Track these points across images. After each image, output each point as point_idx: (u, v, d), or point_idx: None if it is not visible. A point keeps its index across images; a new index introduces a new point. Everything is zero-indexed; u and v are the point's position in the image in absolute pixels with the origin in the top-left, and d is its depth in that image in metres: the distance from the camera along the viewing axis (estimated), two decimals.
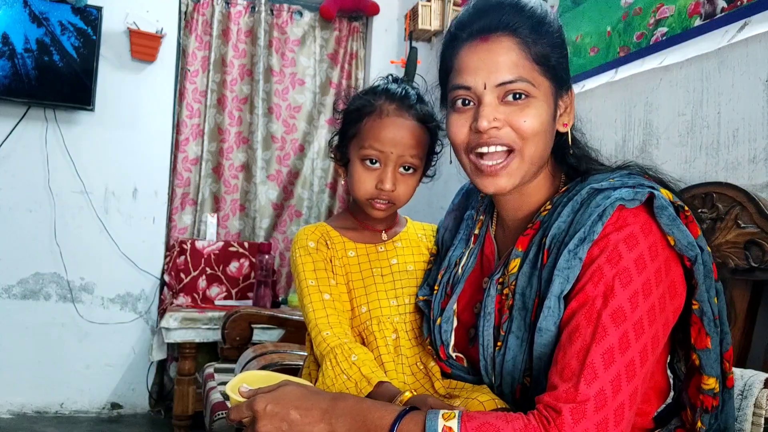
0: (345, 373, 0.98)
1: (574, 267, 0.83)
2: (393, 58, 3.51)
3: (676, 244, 0.84)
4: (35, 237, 3.18)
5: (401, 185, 1.07)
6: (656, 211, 0.84)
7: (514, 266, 0.93)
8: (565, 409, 0.76)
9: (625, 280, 0.80)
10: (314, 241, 1.11)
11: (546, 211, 0.94)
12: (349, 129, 1.11)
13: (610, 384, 0.77)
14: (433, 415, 0.80)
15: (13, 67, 3.02)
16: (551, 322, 0.84)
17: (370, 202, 1.09)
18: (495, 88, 0.90)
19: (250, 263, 3.27)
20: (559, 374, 0.79)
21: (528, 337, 0.88)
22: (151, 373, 3.33)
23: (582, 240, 0.83)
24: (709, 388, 0.87)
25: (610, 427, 0.76)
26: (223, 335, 2.36)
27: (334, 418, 0.85)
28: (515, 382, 0.90)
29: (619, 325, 0.79)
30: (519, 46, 0.90)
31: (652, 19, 1.72)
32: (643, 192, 0.84)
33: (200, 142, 3.46)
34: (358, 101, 1.11)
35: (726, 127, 1.47)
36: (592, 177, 0.92)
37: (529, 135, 0.90)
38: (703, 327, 0.86)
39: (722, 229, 1.36)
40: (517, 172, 0.92)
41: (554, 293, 0.84)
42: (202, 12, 3.44)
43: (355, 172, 1.08)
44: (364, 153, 1.06)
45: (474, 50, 0.92)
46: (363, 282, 1.11)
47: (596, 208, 0.84)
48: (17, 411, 3.17)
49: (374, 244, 1.14)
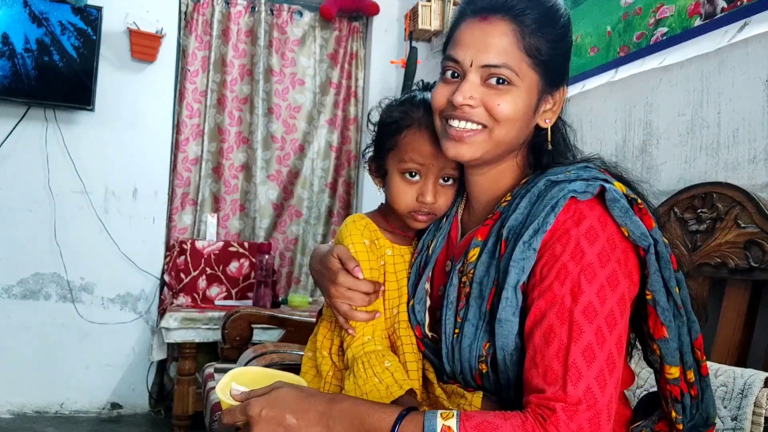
0: (378, 376, 0.97)
1: (529, 258, 0.85)
2: (393, 58, 3.51)
3: (630, 235, 0.85)
4: (35, 237, 3.18)
5: (441, 197, 1.05)
6: (608, 204, 0.85)
7: (473, 255, 0.94)
8: (558, 407, 0.77)
9: (590, 275, 0.82)
10: (368, 239, 1.09)
11: (506, 202, 0.96)
12: (386, 141, 1.08)
13: (596, 381, 0.78)
14: (432, 415, 0.80)
15: (13, 67, 3.02)
16: (510, 312, 0.86)
17: (411, 214, 1.07)
18: (480, 68, 0.92)
19: (250, 263, 3.27)
20: (543, 377, 0.80)
21: (483, 324, 0.90)
22: (151, 373, 3.33)
23: (536, 231, 0.85)
24: (673, 378, 0.88)
25: (603, 422, 0.77)
26: (223, 335, 2.36)
27: (331, 421, 0.84)
28: (472, 369, 0.92)
29: (592, 320, 0.80)
30: (514, 33, 0.91)
31: (652, 19, 1.72)
32: (595, 185, 0.86)
33: (200, 142, 3.46)
34: (396, 113, 1.08)
35: (726, 127, 1.47)
36: (551, 170, 0.94)
37: (501, 118, 0.92)
38: (658, 316, 0.87)
39: (722, 229, 1.36)
40: (480, 146, 0.94)
41: (510, 284, 0.86)
42: (202, 12, 3.44)
43: (395, 186, 1.06)
44: (404, 167, 1.04)
45: (471, 27, 0.93)
46: (397, 283, 1.10)
47: (550, 200, 0.86)
48: (17, 411, 3.17)
49: (408, 246, 1.14)
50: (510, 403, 0.89)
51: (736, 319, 1.31)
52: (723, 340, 1.32)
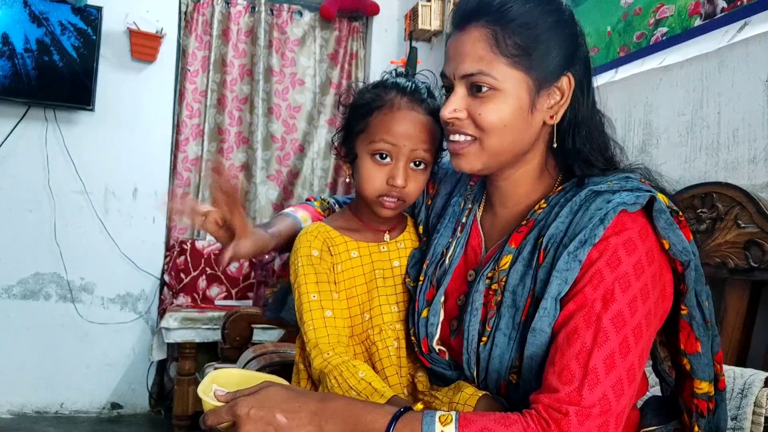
0: (354, 389, 0.94)
1: (573, 269, 0.82)
2: (393, 58, 3.51)
3: (671, 248, 0.84)
4: (35, 237, 3.18)
5: (412, 182, 1.03)
6: (655, 215, 0.84)
7: (505, 262, 0.92)
8: (572, 411, 0.76)
9: (624, 284, 0.80)
10: (317, 249, 1.06)
11: (541, 209, 0.93)
12: (356, 124, 1.06)
13: (612, 389, 0.77)
14: (430, 418, 0.79)
15: (13, 67, 3.02)
16: (546, 323, 0.83)
17: (380, 199, 1.04)
18: (461, 80, 0.91)
19: (250, 263, 3.26)
20: (558, 376, 0.79)
21: (516, 335, 0.87)
22: (151, 373, 3.33)
23: (583, 243, 0.83)
24: (703, 392, 0.87)
25: (611, 430, 0.76)
26: (223, 335, 2.36)
27: (324, 421, 0.82)
28: (501, 378, 0.89)
29: (620, 330, 0.79)
30: (488, 36, 0.88)
31: (652, 19, 1.72)
32: (644, 196, 0.84)
33: (200, 142, 3.46)
34: (367, 95, 1.06)
35: (726, 127, 1.47)
36: (592, 179, 0.91)
37: (486, 127, 0.90)
38: (693, 331, 0.86)
39: (722, 229, 1.36)
40: (476, 159, 0.93)
41: (551, 294, 0.83)
42: (202, 12, 3.44)
43: (364, 168, 1.04)
44: (374, 147, 1.02)
45: (453, 40, 0.93)
46: (366, 287, 1.07)
47: (597, 211, 0.84)
48: (17, 411, 3.17)
49: (377, 243, 1.10)
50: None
51: (735, 319, 1.31)
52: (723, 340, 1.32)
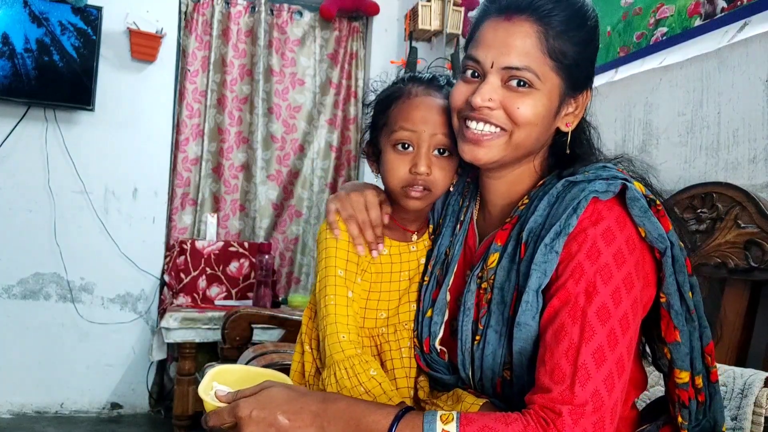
0: (363, 386, 0.94)
1: (551, 261, 0.83)
2: (393, 58, 3.51)
3: (647, 236, 0.84)
4: (35, 237, 3.18)
5: (437, 169, 1.00)
6: (628, 203, 0.84)
7: (493, 260, 0.92)
8: (565, 411, 0.76)
9: (606, 276, 0.80)
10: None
11: (523, 205, 0.94)
12: (379, 119, 1.06)
13: (604, 383, 0.77)
14: (431, 418, 0.79)
15: (13, 67, 3.02)
16: (530, 316, 0.84)
17: (405, 190, 1.01)
18: (501, 70, 0.89)
19: (250, 263, 3.27)
20: (549, 375, 0.79)
21: (506, 331, 0.88)
22: (151, 373, 3.33)
23: (558, 233, 0.83)
24: (683, 382, 0.87)
25: (606, 425, 0.77)
26: (223, 335, 2.36)
27: (326, 422, 0.82)
28: (495, 376, 0.90)
29: (605, 322, 0.79)
30: (538, 35, 0.88)
31: (652, 19, 1.72)
32: (616, 184, 0.84)
33: (200, 142, 3.46)
34: (386, 90, 1.07)
35: (726, 127, 1.47)
36: (567, 170, 0.92)
37: (521, 121, 0.90)
38: (671, 320, 0.86)
39: (722, 229, 1.36)
40: (498, 149, 0.92)
41: (532, 287, 0.84)
42: (202, 12, 3.44)
43: (388, 160, 1.02)
44: (395, 137, 1.00)
45: (494, 26, 0.91)
46: (390, 285, 1.07)
47: (571, 201, 0.84)
48: (17, 411, 3.17)
49: (407, 243, 1.09)
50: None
51: (735, 319, 1.31)
52: (723, 340, 1.32)
